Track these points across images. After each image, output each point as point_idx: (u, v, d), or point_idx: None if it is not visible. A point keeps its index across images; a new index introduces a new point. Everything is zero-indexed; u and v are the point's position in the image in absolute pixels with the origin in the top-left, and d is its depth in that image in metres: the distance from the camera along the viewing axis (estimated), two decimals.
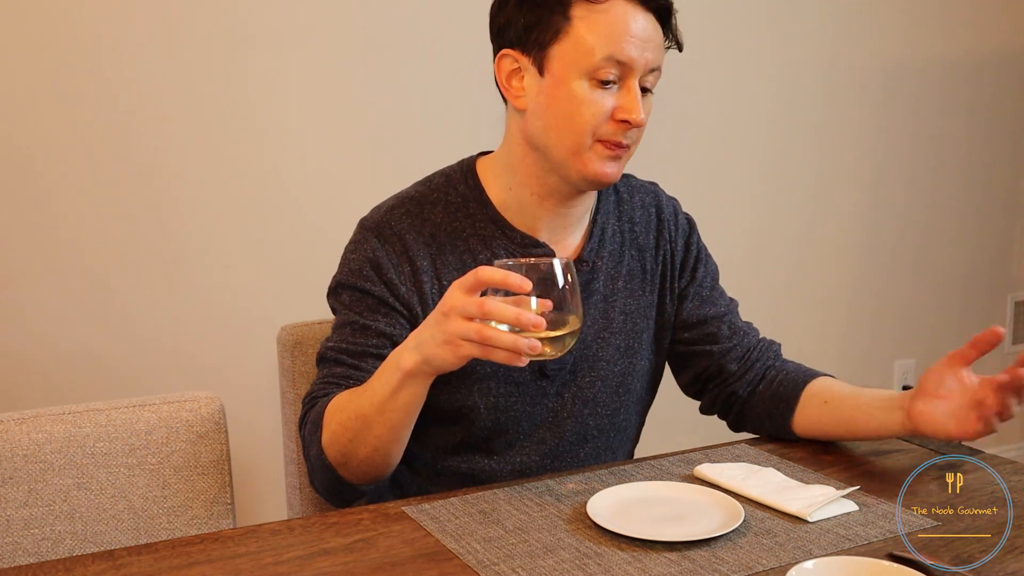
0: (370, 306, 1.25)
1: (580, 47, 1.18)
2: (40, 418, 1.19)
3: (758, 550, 1.01)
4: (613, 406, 1.35)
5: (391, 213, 1.29)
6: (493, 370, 1.27)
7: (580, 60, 1.18)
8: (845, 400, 1.30)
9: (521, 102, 1.24)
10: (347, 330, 1.25)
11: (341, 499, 1.25)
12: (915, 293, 3.10)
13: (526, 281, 1.00)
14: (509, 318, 1.00)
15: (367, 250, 1.27)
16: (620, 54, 1.17)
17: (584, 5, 1.17)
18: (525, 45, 1.21)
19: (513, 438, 1.31)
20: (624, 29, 1.17)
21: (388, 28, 2.20)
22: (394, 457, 1.19)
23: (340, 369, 1.24)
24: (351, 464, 1.17)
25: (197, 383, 2.05)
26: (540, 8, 1.19)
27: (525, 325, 0.99)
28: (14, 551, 1.15)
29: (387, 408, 1.12)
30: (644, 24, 1.19)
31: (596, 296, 1.33)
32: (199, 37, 2.02)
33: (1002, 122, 3.17)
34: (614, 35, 1.17)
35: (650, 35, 1.19)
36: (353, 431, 1.15)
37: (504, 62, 1.24)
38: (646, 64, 1.19)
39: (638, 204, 1.39)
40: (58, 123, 1.94)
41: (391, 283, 1.25)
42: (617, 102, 1.19)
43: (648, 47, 1.19)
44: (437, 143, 2.23)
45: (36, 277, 1.95)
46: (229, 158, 2.09)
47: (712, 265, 1.44)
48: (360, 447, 1.15)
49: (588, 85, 1.18)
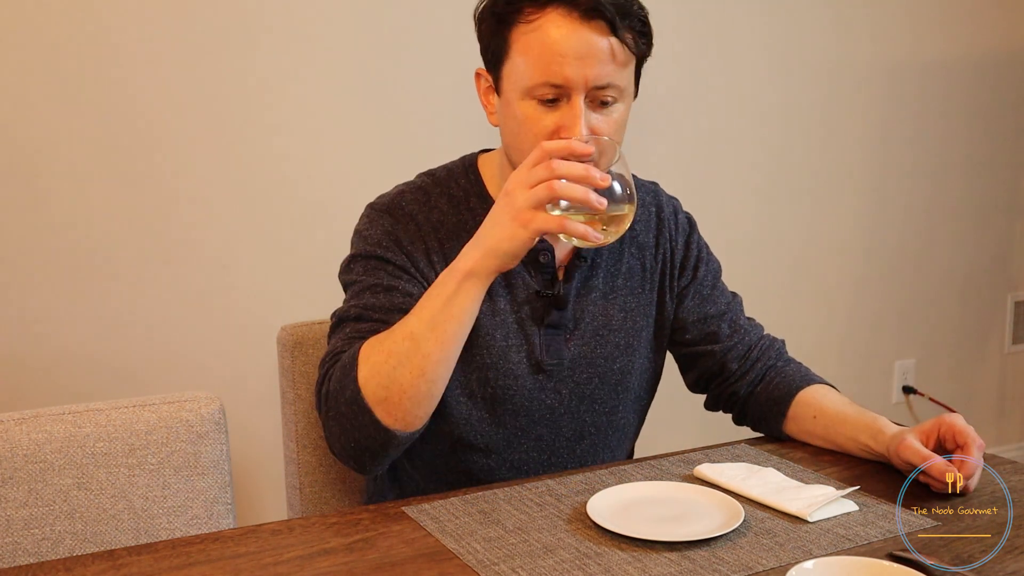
0: (391, 272, 1.23)
1: (518, 69, 1.17)
2: (40, 418, 1.19)
3: (758, 550, 1.01)
4: (611, 404, 1.35)
5: (401, 197, 1.30)
6: (491, 362, 1.27)
7: (519, 81, 1.17)
8: (833, 421, 1.30)
9: (493, 118, 1.27)
10: (368, 293, 1.22)
11: (369, 455, 1.16)
12: (915, 293, 3.10)
13: (587, 146, 1.05)
14: (577, 172, 1.02)
15: (382, 225, 1.26)
16: (553, 77, 1.14)
17: (520, 27, 1.16)
18: (488, 64, 1.25)
19: (511, 434, 1.31)
20: (555, 50, 1.13)
21: (389, 29, 2.20)
22: (438, 387, 1.14)
23: (367, 325, 1.19)
24: (391, 399, 1.11)
25: (197, 383, 2.05)
26: (490, 31, 1.21)
27: (593, 178, 1.02)
28: (14, 551, 1.15)
29: (440, 320, 1.09)
30: (582, 39, 1.13)
31: (595, 293, 1.33)
32: (200, 36, 2.02)
33: (1002, 122, 3.17)
34: (544, 57, 1.13)
35: (590, 50, 1.13)
36: (399, 355, 1.10)
37: (480, 80, 1.28)
38: (586, 82, 1.14)
39: (638, 203, 1.39)
40: (58, 123, 1.93)
41: (410, 255, 1.24)
42: (560, 121, 1.16)
43: (588, 63, 1.13)
44: (438, 144, 2.23)
45: (36, 277, 1.95)
46: (229, 158, 2.09)
47: (714, 264, 1.44)
48: (406, 372, 1.10)
49: (530, 105, 1.17)
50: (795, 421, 1.34)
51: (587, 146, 1.05)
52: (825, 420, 1.30)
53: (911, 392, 3.11)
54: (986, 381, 3.30)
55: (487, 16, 1.21)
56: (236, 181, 2.10)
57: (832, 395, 1.34)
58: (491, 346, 1.27)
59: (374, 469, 1.21)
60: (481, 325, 1.26)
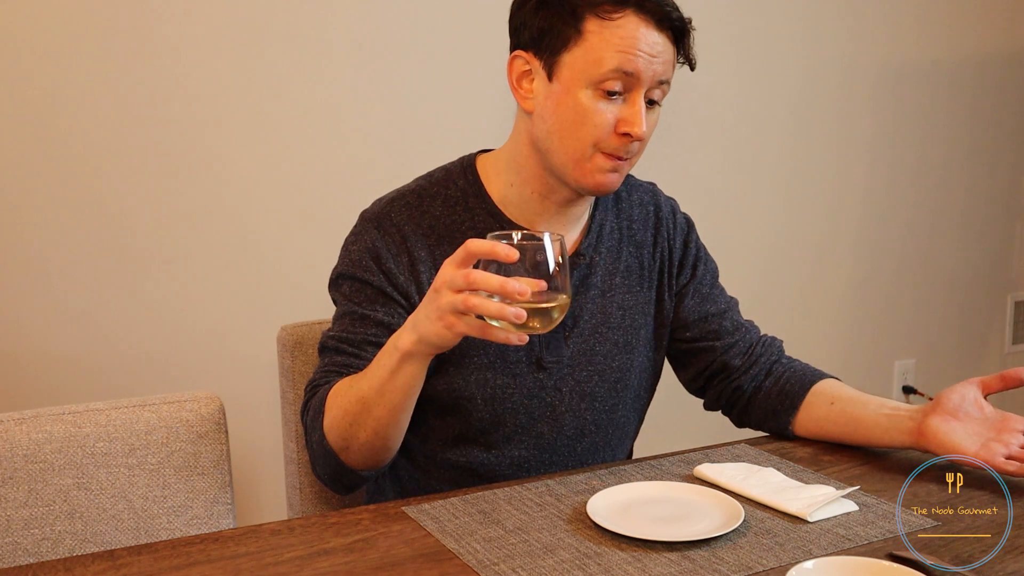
0: (369, 296, 1.27)
1: (590, 57, 1.19)
2: (40, 418, 1.19)
3: (758, 550, 1.01)
4: (611, 402, 1.35)
5: (391, 205, 1.31)
6: (490, 361, 1.28)
7: (588, 70, 1.19)
8: (853, 402, 1.31)
9: (529, 104, 1.25)
10: (346, 320, 1.27)
11: (343, 486, 1.26)
12: (915, 293, 3.10)
13: (512, 251, 1.01)
14: (493, 286, 1.00)
15: (366, 241, 1.29)
16: (628, 65, 1.18)
17: (597, 20, 1.19)
18: (537, 49, 1.23)
19: (511, 431, 1.31)
20: (634, 44, 1.18)
21: (389, 29, 2.20)
22: (393, 441, 1.20)
23: (341, 358, 1.25)
24: (352, 449, 1.19)
25: (197, 383, 2.05)
26: (554, 16, 1.21)
27: (510, 293, 0.99)
28: (14, 551, 1.15)
29: (386, 390, 1.14)
30: (656, 40, 1.20)
31: (594, 291, 1.33)
32: (200, 36, 2.02)
33: (1003, 123, 3.17)
34: (623, 48, 1.18)
35: (660, 51, 1.20)
36: (353, 415, 1.16)
37: (516, 63, 1.26)
38: (653, 76, 1.20)
39: (636, 202, 1.41)
40: (57, 124, 1.93)
41: (389, 273, 1.27)
42: (621, 114, 1.20)
43: (656, 61, 1.20)
44: (437, 143, 2.23)
45: (36, 278, 1.95)
46: (229, 158, 2.09)
47: (711, 264, 1.45)
48: (360, 431, 1.17)
49: (594, 95, 1.20)
50: (809, 412, 1.34)
51: (511, 252, 1.01)
52: (843, 403, 1.32)
53: (911, 392, 3.11)
54: None
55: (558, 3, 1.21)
56: (236, 181, 2.10)
57: (847, 386, 1.36)
58: (488, 346, 1.28)
59: (356, 489, 1.28)
60: None
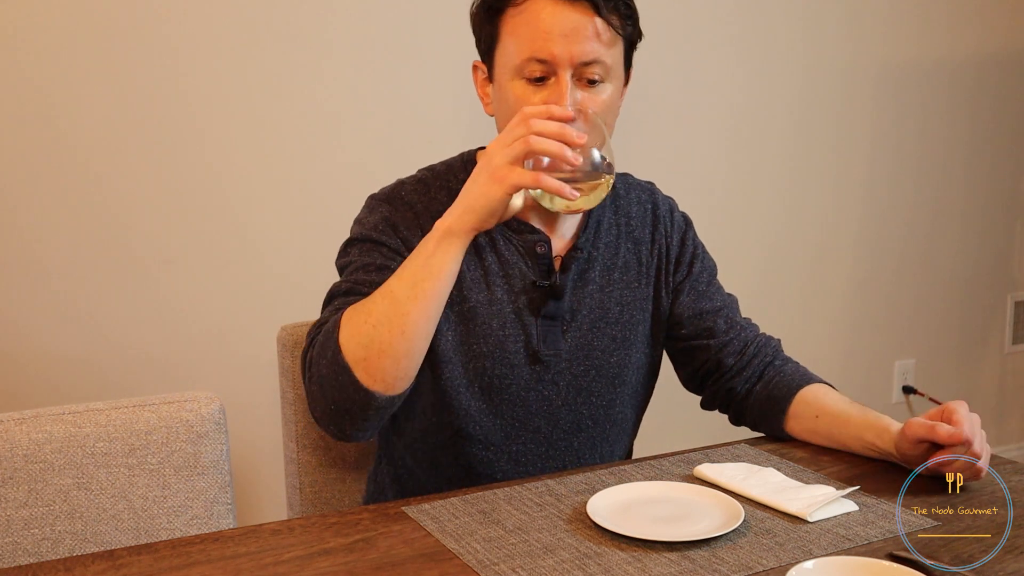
0: (385, 254, 1.26)
1: (508, 50, 1.24)
2: (40, 418, 1.19)
3: (758, 550, 1.01)
4: (608, 397, 1.36)
5: (400, 187, 1.33)
6: (489, 350, 1.28)
7: (508, 61, 1.24)
8: (837, 420, 1.29)
9: (489, 108, 1.33)
10: (362, 271, 1.24)
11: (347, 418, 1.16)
12: (915, 293, 3.10)
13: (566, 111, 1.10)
14: (553, 129, 1.07)
15: (381, 212, 1.30)
16: (540, 52, 1.20)
17: (510, 12, 1.23)
18: (483, 55, 1.31)
19: (508, 425, 1.31)
20: (541, 27, 1.19)
21: (389, 30, 2.20)
22: (419, 345, 1.14)
23: (355, 298, 1.20)
24: (371, 357, 1.12)
25: (197, 383, 2.05)
26: (483, 21, 1.28)
27: (569, 136, 1.06)
28: (14, 551, 1.15)
29: (419, 278, 1.12)
30: (568, 18, 1.19)
31: (592, 286, 1.34)
32: (199, 36, 2.02)
33: (1003, 123, 3.17)
34: (531, 34, 1.20)
35: (575, 28, 1.19)
36: (379, 313, 1.12)
37: (477, 73, 1.34)
38: (571, 58, 1.19)
39: (634, 200, 1.42)
40: (57, 124, 1.94)
41: (406, 239, 1.27)
42: (547, 98, 1.21)
43: (573, 40, 1.19)
44: (436, 145, 2.22)
45: (36, 277, 1.95)
46: (229, 158, 2.09)
47: (709, 262, 1.45)
48: (385, 331, 1.11)
49: (520, 84, 1.23)
50: (796, 420, 1.34)
51: (566, 111, 1.11)
52: (828, 420, 1.30)
53: (911, 392, 3.11)
54: (986, 381, 3.30)
55: (480, 9, 1.28)
56: (236, 181, 2.10)
57: (833, 394, 1.34)
58: (488, 335, 1.28)
59: (354, 435, 1.20)
60: (478, 313, 1.28)
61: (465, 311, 1.28)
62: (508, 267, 1.31)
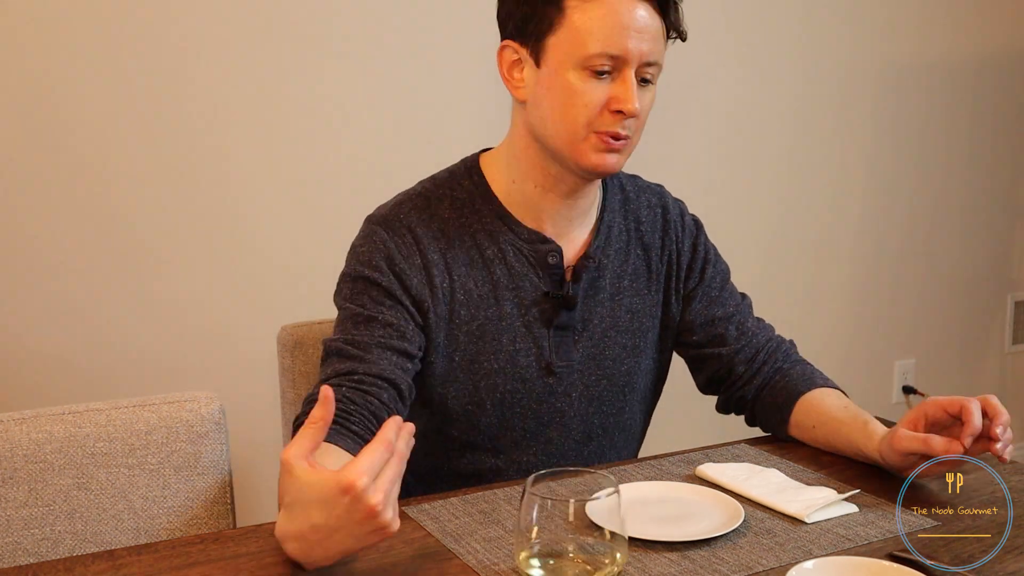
0: (374, 297, 1.22)
1: (574, 39, 1.17)
2: (40, 418, 1.18)
3: (758, 550, 1.01)
4: (618, 405, 1.35)
5: (399, 208, 1.28)
6: (500, 367, 1.27)
7: (574, 51, 1.17)
8: (831, 428, 1.29)
9: (521, 93, 1.24)
10: (349, 324, 1.22)
11: None
12: (915, 293, 3.10)
13: None
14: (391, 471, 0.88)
15: (378, 241, 1.25)
16: (613, 47, 1.16)
17: None
18: (523, 36, 1.22)
19: (519, 436, 1.31)
20: (617, 21, 1.16)
21: (391, 30, 2.20)
22: None
23: (344, 365, 1.19)
24: None
25: (197, 383, 2.05)
26: (535, 0, 1.20)
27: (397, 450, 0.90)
28: (14, 551, 1.15)
29: None
30: (640, 15, 1.17)
31: (602, 294, 1.33)
32: (201, 35, 2.02)
33: (1003, 123, 3.17)
34: (607, 27, 1.16)
35: (646, 25, 1.17)
36: None
37: (505, 53, 1.25)
38: (641, 56, 1.17)
39: (644, 204, 1.39)
40: (57, 124, 1.93)
41: (402, 275, 1.23)
42: (611, 92, 1.18)
43: (644, 38, 1.17)
44: (439, 143, 2.23)
45: (36, 278, 1.95)
46: (229, 158, 2.09)
47: (722, 265, 1.44)
48: None
49: (582, 76, 1.18)
50: (797, 428, 1.34)
51: None
52: (824, 430, 1.30)
53: (911, 392, 3.10)
54: (986, 381, 3.30)
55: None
56: (236, 181, 2.10)
57: (830, 400, 1.32)
58: (498, 352, 1.27)
59: None
60: (487, 331, 1.26)
61: (474, 330, 1.26)
62: (518, 279, 1.28)
